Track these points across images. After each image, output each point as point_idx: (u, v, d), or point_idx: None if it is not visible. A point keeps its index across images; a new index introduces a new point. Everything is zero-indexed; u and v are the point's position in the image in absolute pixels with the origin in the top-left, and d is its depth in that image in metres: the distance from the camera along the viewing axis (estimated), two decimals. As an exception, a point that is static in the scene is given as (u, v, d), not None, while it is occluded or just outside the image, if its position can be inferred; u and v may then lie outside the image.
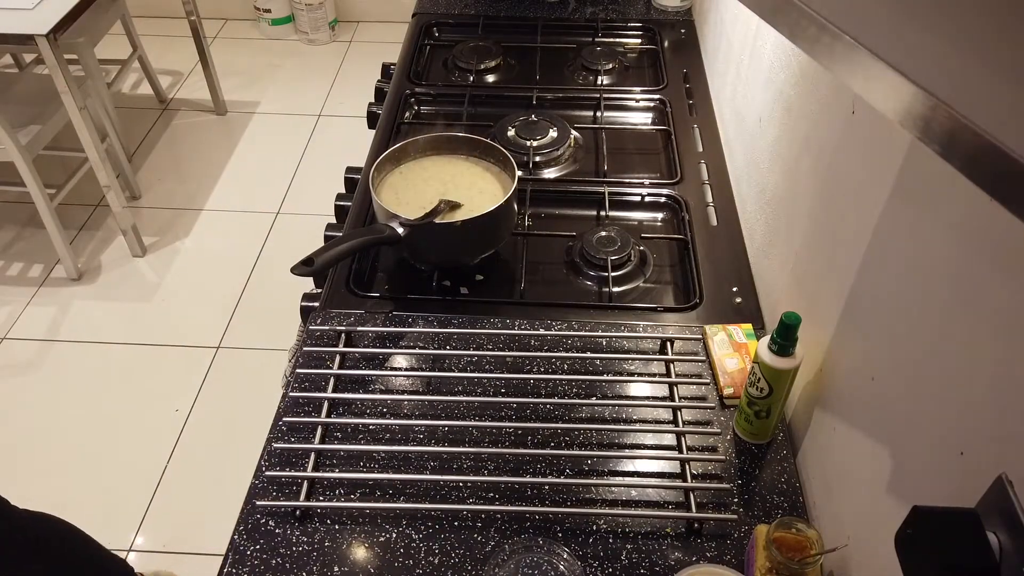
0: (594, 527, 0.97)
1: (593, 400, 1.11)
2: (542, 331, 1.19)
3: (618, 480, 1.01)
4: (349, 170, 1.55)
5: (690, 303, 1.24)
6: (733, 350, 1.13)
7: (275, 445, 1.04)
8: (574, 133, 1.56)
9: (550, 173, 1.51)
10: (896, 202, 0.79)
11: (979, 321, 0.64)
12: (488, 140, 1.35)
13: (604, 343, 1.18)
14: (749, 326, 1.17)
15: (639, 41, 1.90)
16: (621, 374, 1.15)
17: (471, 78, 1.74)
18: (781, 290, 1.17)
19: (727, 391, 1.10)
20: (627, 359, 1.16)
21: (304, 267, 1.10)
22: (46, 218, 2.38)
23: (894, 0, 0.40)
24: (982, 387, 0.63)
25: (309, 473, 1.01)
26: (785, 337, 0.94)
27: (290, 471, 1.02)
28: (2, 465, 2.08)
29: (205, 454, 2.08)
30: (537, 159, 1.51)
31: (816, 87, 1.04)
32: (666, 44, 1.86)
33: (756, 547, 0.87)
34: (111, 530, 1.93)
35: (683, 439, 1.05)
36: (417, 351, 1.18)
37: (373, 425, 1.07)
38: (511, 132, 1.55)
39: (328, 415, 1.08)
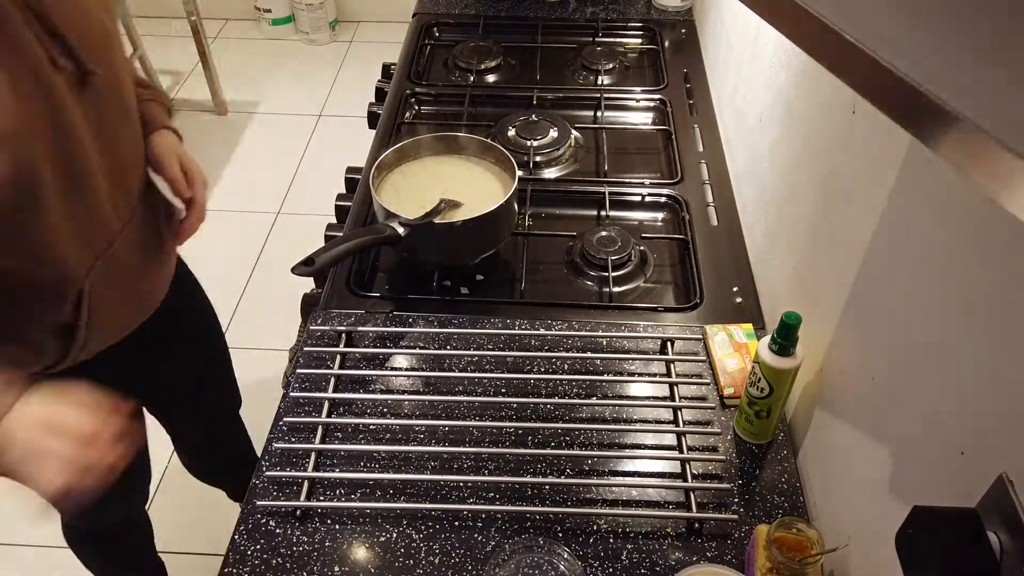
0: (594, 527, 0.97)
1: (593, 400, 1.11)
2: (542, 331, 1.19)
3: (618, 480, 1.01)
4: (349, 170, 1.55)
5: (690, 303, 1.24)
6: (733, 350, 1.13)
7: (275, 445, 1.04)
8: (574, 133, 1.56)
9: (550, 173, 1.51)
10: (896, 202, 0.79)
11: (979, 321, 0.64)
12: (488, 140, 1.35)
13: (604, 343, 1.18)
14: (749, 326, 1.17)
15: (639, 41, 1.90)
16: (621, 374, 1.15)
17: (471, 78, 1.74)
18: (781, 290, 1.17)
19: (727, 391, 1.10)
20: (627, 359, 1.16)
21: (305, 267, 1.10)
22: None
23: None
24: (982, 387, 0.63)
25: (309, 473, 1.01)
26: (785, 337, 0.94)
27: (290, 471, 1.02)
28: (3, 465, 2.07)
29: (205, 454, 2.07)
30: (537, 159, 1.51)
31: (816, 87, 1.04)
32: (666, 44, 1.86)
33: (756, 547, 0.87)
34: (112, 530, 1.93)
35: (683, 439, 1.05)
36: (417, 351, 1.18)
37: (373, 425, 1.07)
38: (511, 132, 1.55)
39: (328, 415, 1.08)
